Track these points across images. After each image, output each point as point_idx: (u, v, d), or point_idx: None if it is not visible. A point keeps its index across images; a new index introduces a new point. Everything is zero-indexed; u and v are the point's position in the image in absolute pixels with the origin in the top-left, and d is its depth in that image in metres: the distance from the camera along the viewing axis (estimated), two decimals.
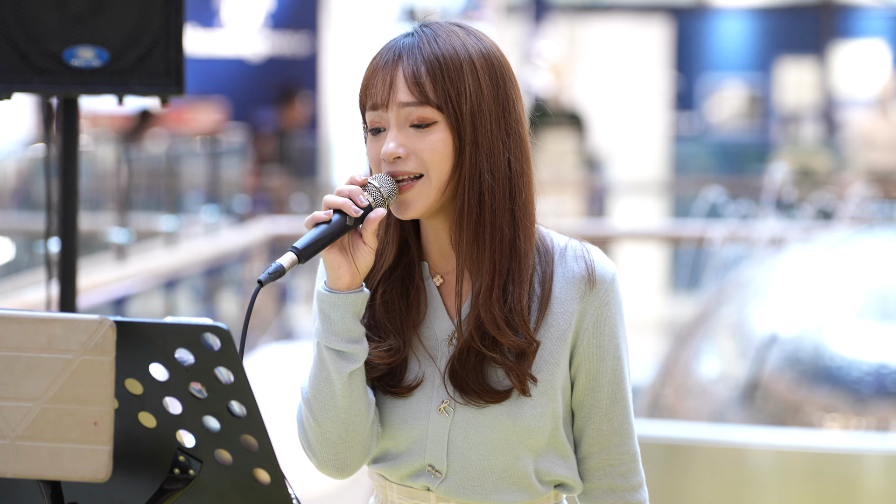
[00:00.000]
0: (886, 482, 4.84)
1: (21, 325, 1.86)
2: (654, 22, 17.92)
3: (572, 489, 2.25)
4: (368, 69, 2.23)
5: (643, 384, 6.11)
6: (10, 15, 3.35)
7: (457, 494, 2.21)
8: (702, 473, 4.99)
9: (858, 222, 8.02)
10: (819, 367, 5.34)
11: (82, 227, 3.65)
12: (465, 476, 2.20)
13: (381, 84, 2.19)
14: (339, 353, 2.16)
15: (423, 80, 2.17)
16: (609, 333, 2.22)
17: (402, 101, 2.18)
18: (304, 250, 2.10)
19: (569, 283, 2.21)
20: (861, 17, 19.45)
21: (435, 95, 2.17)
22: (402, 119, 2.18)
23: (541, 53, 14.98)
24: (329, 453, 2.20)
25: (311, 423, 2.19)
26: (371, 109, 2.21)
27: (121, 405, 1.93)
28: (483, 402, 2.18)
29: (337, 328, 2.15)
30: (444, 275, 2.26)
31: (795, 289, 5.66)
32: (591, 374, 2.23)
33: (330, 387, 2.16)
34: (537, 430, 2.19)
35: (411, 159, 2.17)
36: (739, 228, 8.69)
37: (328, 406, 2.17)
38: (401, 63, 2.19)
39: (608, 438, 2.24)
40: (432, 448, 2.21)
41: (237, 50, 15.88)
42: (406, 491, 2.24)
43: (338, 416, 2.17)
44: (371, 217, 2.14)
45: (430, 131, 2.18)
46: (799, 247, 6.31)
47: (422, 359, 2.23)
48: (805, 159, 14.55)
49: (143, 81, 3.38)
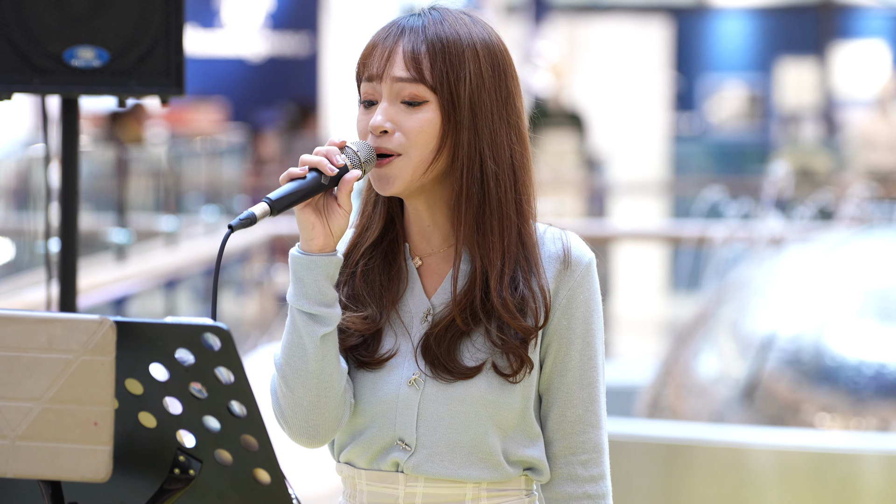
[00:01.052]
0: (886, 482, 4.84)
1: (21, 325, 1.86)
2: (654, 22, 17.92)
3: (541, 473, 2.25)
4: (370, 42, 2.24)
5: (643, 384, 6.11)
6: (10, 15, 3.35)
7: (426, 470, 2.20)
8: (702, 473, 4.99)
9: (858, 222, 8.02)
10: (819, 367, 5.34)
11: (82, 227, 3.65)
12: (434, 450, 2.20)
13: (379, 56, 2.21)
14: (310, 316, 2.15)
15: (422, 59, 2.18)
16: (580, 317, 2.23)
17: (396, 76, 2.19)
18: (276, 202, 2.10)
19: (546, 263, 2.23)
20: (861, 17, 19.45)
21: (430, 75, 2.18)
22: (394, 93, 2.19)
23: (541, 53, 14.98)
24: (301, 419, 2.19)
25: (284, 388, 2.19)
26: (366, 81, 2.22)
27: (121, 405, 1.93)
28: (452, 378, 2.19)
29: (309, 291, 2.15)
30: (423, 257, 2.27)
31: (795, 289, 5.66)
32: (559, 356, 2.23)
33: (302, 351, 2.16)
34: (506, 407, 2.20)
35: (395, 137, 2.19)
36: (739, 228, 8.69)
37: (300, 371, 2.17)
38: (402, 39, 2.20)
39: (571, 425, 2.24)
40: (402, 421, 2.21)
41: (237, 50, 15.88)
42: (375, 475, 2.23)
43: (309, 381, 2.17)
44: (346, 178, 2.14)
45: (420, 110, 2.19)
46: (799, 247, 6.31)
47: (398, 332, 2.24)
48: (805, 159, 14.56)
49: (144, 82, 3.38)
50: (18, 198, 8.68)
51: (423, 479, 2.22)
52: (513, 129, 2.23)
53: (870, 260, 5.77)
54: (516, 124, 2.24)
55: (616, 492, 2.30)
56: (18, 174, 8.89)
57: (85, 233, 6.62)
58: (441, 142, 2.19)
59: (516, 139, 2.23)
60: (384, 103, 2.20)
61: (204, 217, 9.68)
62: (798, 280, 5.70)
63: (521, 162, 2.23)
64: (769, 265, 6.14)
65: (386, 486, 2.23)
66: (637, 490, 4.95)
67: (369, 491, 2.25)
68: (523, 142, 2.25)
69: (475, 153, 2.19)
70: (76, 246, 3.50)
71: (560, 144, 12.91)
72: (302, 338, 2.16)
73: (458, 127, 2.19)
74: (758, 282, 5.92)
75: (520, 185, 2.22)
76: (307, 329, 2.16)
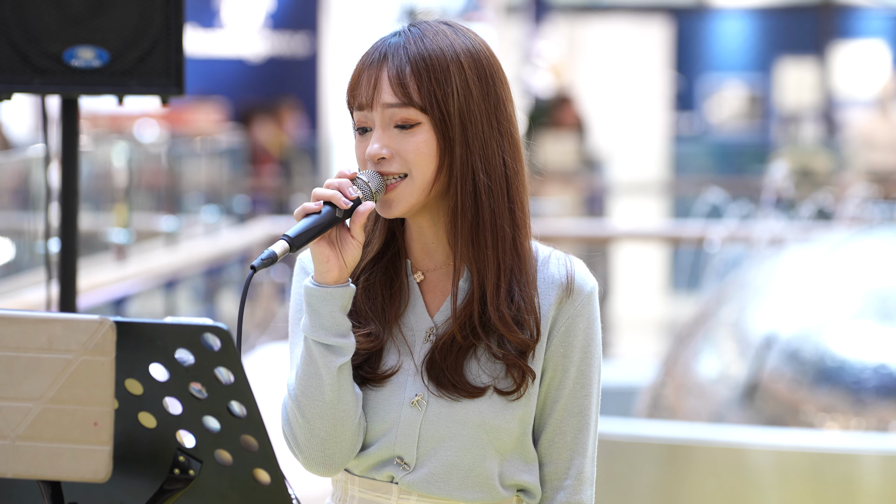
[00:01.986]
0: (886, 482, 4.84)
1: (21, 326, 1.86)
2: (654, 22, 17.92)
3: (534, 496, 2.25)
4: (355, 70, 2.23)
5: (643, 384, 6.11)
6: (10, 15, 3.35)
7: (421, 488, 2.20)
8: (701, 473, 4.99)
9: (858, 223, 8.02)
10: (819, 367, 5.34)
11: (82, 227, 3.65)
12: (431, 470, 2.20)
13: (365, 84, 2.20)
14: (327, 347, 2.16)
15: (408, 81, 2.18)
16: (578, 345, 2.23)
17: (385, 102, 2.18)
18: (295, 239, 2.12)
19: (548, 288, 2.23)
20: (861, 18, 19.45)
21: (419, 97, 2.17)
22: (386, 120, 2.19)
23: (541, 54, 14.98)
24: (317, 449, 2.20)
25: (299, 419, 2.19)
26: (357, 109, 2.21)
27: (121, 405, 1.94)
28: (457, 396, 2.19)
29: (325, 322, 2.16)
30: (425, 272, 2.27)
31: (795, 289, 5.66)
32: (553, 382, 2.23)
33: (318, 381, 2.17)
34: (505, 432, 2.20)
35: (395, 160, 2.18)
36: (739, 229, 8.68)
37: (316, 401, 2.17)
38: (386, 63, 2.19)
39: (559, 452, 2.24)
40: (402, 440, 2.21)
41: (237, 50, 15.87)
42: (368, 483, 2.23)
43: (325, 412, 2.17)
44: (360, 210, 2.15)
45: (414, 132, 2.18)
46: (799, 247, 6.31)
47: (400, 349, 2.24)
48: (805, 159, 14.55)
49: (143, 82, 3.38)
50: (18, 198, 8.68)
51: (417, 495, 2.22)
52: (504, 136, 2.22)
53: (870, 260, 5.77)
54: (508, 131, 2.23)
55: (616, 492, 2.31)
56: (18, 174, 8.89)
57: (85, 233, 6.62)
58: (440, 160, 2.19)
59: (508, 146, 2.23)
60: (377, 131, 2.19)
61: (204, 217, 9.67)
62: (798, 280, 5.70)
63: (514, 169, 2.22)
64: (769, 265, 6.13)
65: (378, 495, 2.23)
66: (637, 490, 4.95)
67: (361, 497, 2.25)
68: (515, 147, 2.24)
69: (467, 168, 2.19)
70: (76, 246, 3.50)
71: (560, 144, 12.92)
72: (318, 369, 2.17)
73: (451, 143, 2.19)
74: (758, 282, 5.92)
75: (512, 192, 2.22)
76: (324, 360, 2.16)
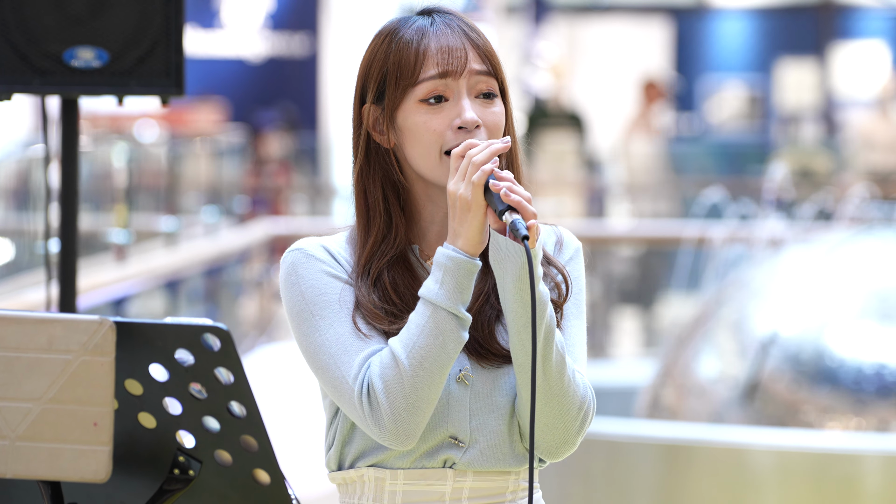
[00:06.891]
0: (886, 482, 4.84)
1: (21, 326, 1.86)
2: (654, 22, 17.93)
3: (543, 462, 2.26)
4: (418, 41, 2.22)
5: (643, 384, 6.11)
6: (10, 15, 3.35)
7: (477, 465, 2.21)
8: (701, 474, 4.99)
9: (858, 223, 8.02)
10: (819, 367, 5.34)
11: (82, 228, 3.65)
12: (485, 444, 2.21)
13: (453, 51, 2.22)
14: (460, 322, 2.15)
15: (491, 51, 2.24)
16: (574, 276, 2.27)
17: (475, 69, 2.22)
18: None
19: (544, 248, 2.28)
20: (861, 18, 19.46)
21: (497, 69, 2.24)
22: (470, 87, 2.22)
23: (541, 54, 14.99)
24: (417, 419, 2.16)
25: (409, 389, 2.14)
26: (439, 77, 2.20)
27: (121, 406, 1.94)
28: (498, 363, 2.21)
29: (465, 296, 2.15)
30: (429, 258, 2.26)
31: (795, 289, 5.66)
32: None
33: (443, 354, 2.14)
34: None
35: (482, 130, 2.21)
36: (739, 229, 8.69)
37: (438, 374, 2.15)
38: (462, 35, 2.23)
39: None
40: (455, 419, 2.20)
41: (237, 50, 15.89)
42: (418, 473, 2.21)
43: (439, 384, 2.15)
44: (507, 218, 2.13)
45: (494, 103, 2.23)
46: (799, 247, 6.31)
47: None
48: (805, 160, 14.55)
49: (143, 82, 3.38)
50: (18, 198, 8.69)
51: (473, 473, 2.22)
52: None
53: (870, 260, 5.77)
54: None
55: (616, 492, 2.31)
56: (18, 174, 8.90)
57: (85, 233, 6.62)
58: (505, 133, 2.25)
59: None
60: (466, 99, 2.22)
61: (204, 217, 9.67)
62: (798, 280, 5.70)
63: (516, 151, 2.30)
64: (769, 265, 6.14)
65: (430, 483, 2.21)
66: (637, 490, 4.95)
67: (406, 490, 2.22)
68: None
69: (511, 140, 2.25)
70: (76, 246, 3.50)
71: (560, 144, 12.91)
72: (446, 341, 2.14)
73: (507, 120, 2.26)
74: (758, 282, 5.92)
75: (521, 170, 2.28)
76: (454, 334, 2.15)
